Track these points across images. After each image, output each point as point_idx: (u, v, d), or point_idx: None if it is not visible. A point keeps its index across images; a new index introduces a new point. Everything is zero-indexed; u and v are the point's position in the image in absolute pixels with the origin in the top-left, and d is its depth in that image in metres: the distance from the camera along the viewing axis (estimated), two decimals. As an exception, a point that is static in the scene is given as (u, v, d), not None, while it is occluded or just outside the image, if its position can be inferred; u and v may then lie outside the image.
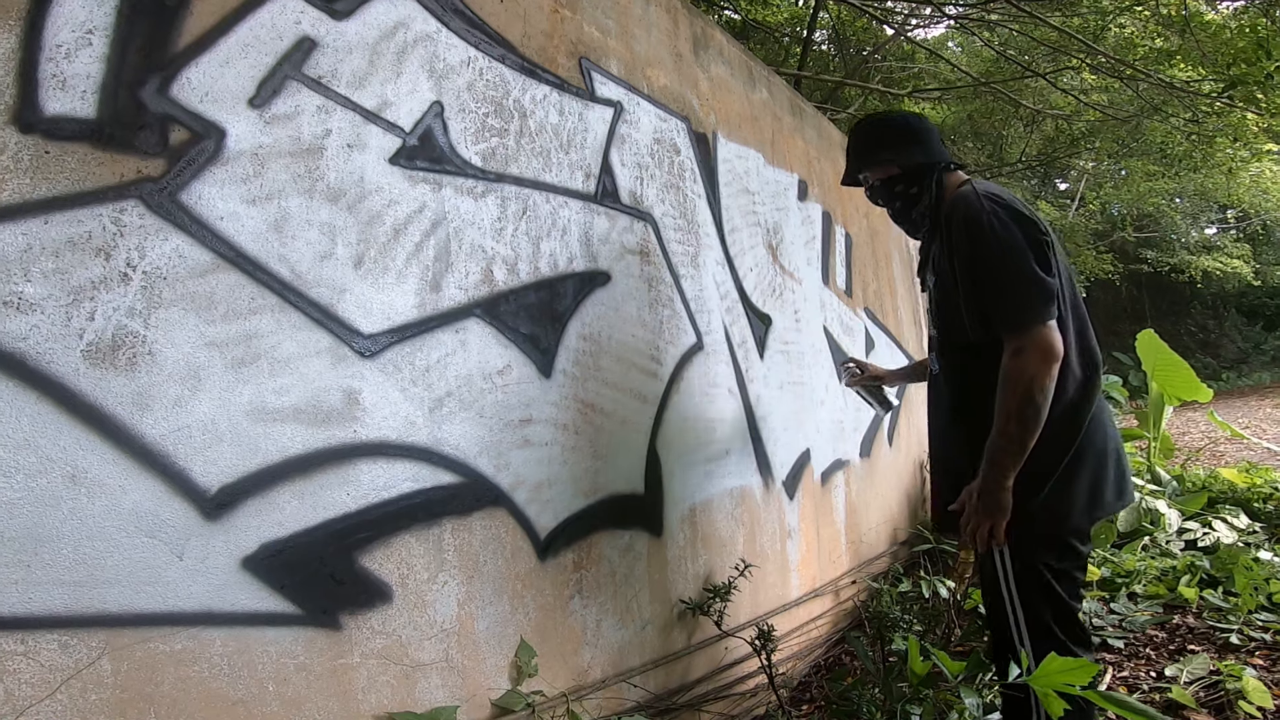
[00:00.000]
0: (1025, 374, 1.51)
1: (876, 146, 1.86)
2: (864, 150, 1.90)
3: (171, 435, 1.16)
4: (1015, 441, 1.52)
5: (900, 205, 1.86)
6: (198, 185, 1.22)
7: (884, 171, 1.85)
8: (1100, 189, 14.46)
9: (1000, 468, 1.54)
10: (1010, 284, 1.56)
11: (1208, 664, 2.49)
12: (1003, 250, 1.58)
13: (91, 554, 1.06)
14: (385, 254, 1.48)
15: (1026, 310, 1.54)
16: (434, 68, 1.62)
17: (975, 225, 1.61)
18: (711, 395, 2.43)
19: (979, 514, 1.58)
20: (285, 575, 1.27)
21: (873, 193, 1.92)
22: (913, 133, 1.85)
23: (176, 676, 1.13)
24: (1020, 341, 1.54)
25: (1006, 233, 1.59)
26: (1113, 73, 7.03)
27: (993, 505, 1.56)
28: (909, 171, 1.81)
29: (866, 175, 1.90)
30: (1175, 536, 3.90)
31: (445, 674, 1.49)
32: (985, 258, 1.59)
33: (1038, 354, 1.52)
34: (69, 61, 1.10)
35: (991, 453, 1.56)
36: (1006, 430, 1.53)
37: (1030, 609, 1.59)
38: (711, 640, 2.24)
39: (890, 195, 1.86)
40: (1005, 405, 1.53)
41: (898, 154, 1.83)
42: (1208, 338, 19.02)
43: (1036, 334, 1.53)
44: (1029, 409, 1.51)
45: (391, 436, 1.46)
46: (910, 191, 1.82)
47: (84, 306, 1.09)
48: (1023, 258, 1.56)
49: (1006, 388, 1.54)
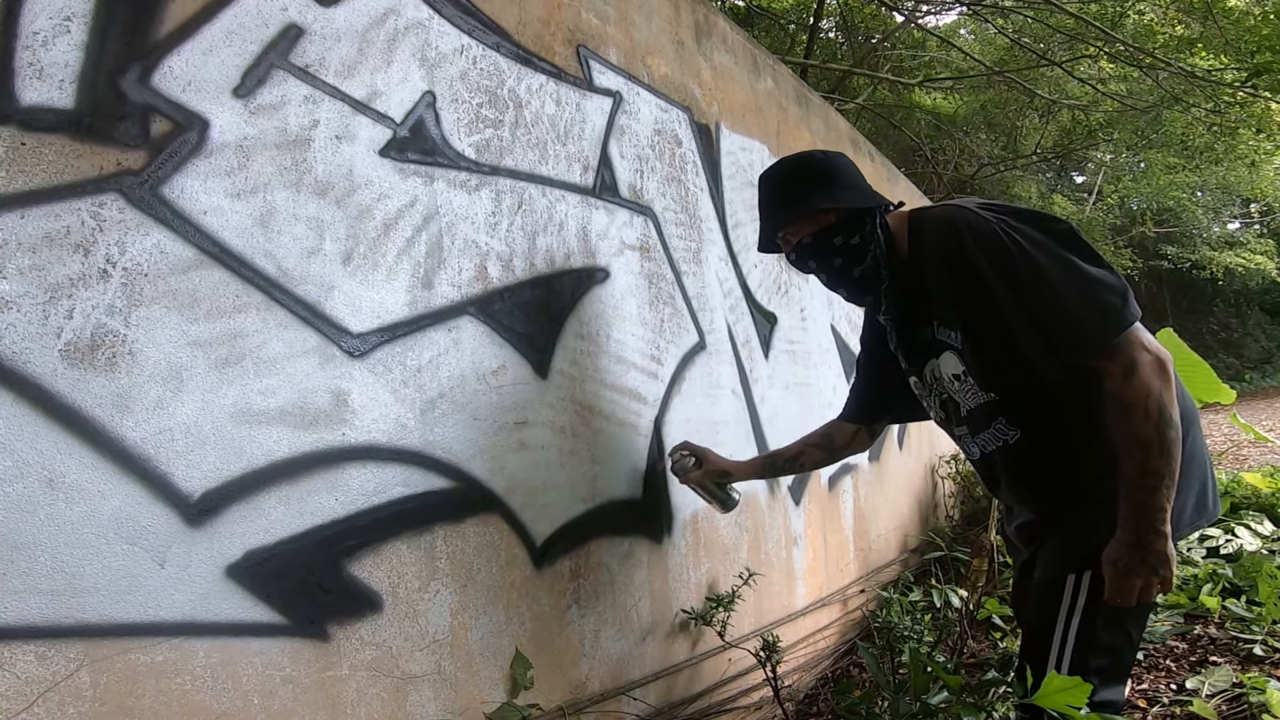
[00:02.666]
0: (1150, 393, 1.30)
1: (802, 194, 1.57)
2: (784, 201, 1.60)
3: (153, 438, 1.16)
4: (1165, 474, 1.31)
5: (841, 263, 1.56)
6: (180, 178, 1.22)
7: (814, 224, 1.56)
8: (1119, 182, 14.47)
9: (1155, 511, 1.32)
10: (1074, 297, 1.34)
11: (1230, 676, 2.49)
12: (1039, 260, 1.36)
13: (70, 562, 1.06)
14: (375, 250, 1.48)
15: (1109, 319, 1.33)
16: (426, 56, 1.62)
17: (993, 246, 1.38)
18: (714, 397, 2.43)
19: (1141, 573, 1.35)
20: (271, 584, 1.27)
21: (801, 253, 1.60)
22: (839, 172, 1.59)
23: (158, 689, 1.13)
24: (1123, 358, 1.32)
25: (1030, 241, 1.37)
26: (1131, 61, 7.04)
27: (1157, 558, 1.34)
28: (846, 220, 1.54)
29: (787, 234, 1.61)
30: (1196, 544, 3.91)
31: (438, 686, 1.49)
32: (1027, 276, 1.36)
33: (1150, 363, 1.31)
34: (46, 49, 1.10)
35: (1139, 499, 1.33)
36: (1150, 465, 1.31)
37: (1080, 652, 1.45)
38: (714, 651, 2.25)
39: (827, 251, 1.56)
40: (1140, 438, 1.31)
41: (826, 199, 1.54)
42: (1230, 337, 19.02)
43: (1135, 342, 1.33)
44: (1169, 431, 1.31)
45: (382, 439, 1.46)
46: (851, 243, 1.54)
47: (62, 304, 1.09)
48: (1067, 261, 1.35)
49: (1133, 417, 1.31)
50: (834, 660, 3.01)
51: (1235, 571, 3.37)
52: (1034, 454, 1.52)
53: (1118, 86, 8.59)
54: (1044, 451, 1.50)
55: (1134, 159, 13.28)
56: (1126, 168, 14.02)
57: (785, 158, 1.70)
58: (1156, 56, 6.52)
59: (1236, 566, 3.42)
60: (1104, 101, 8.68)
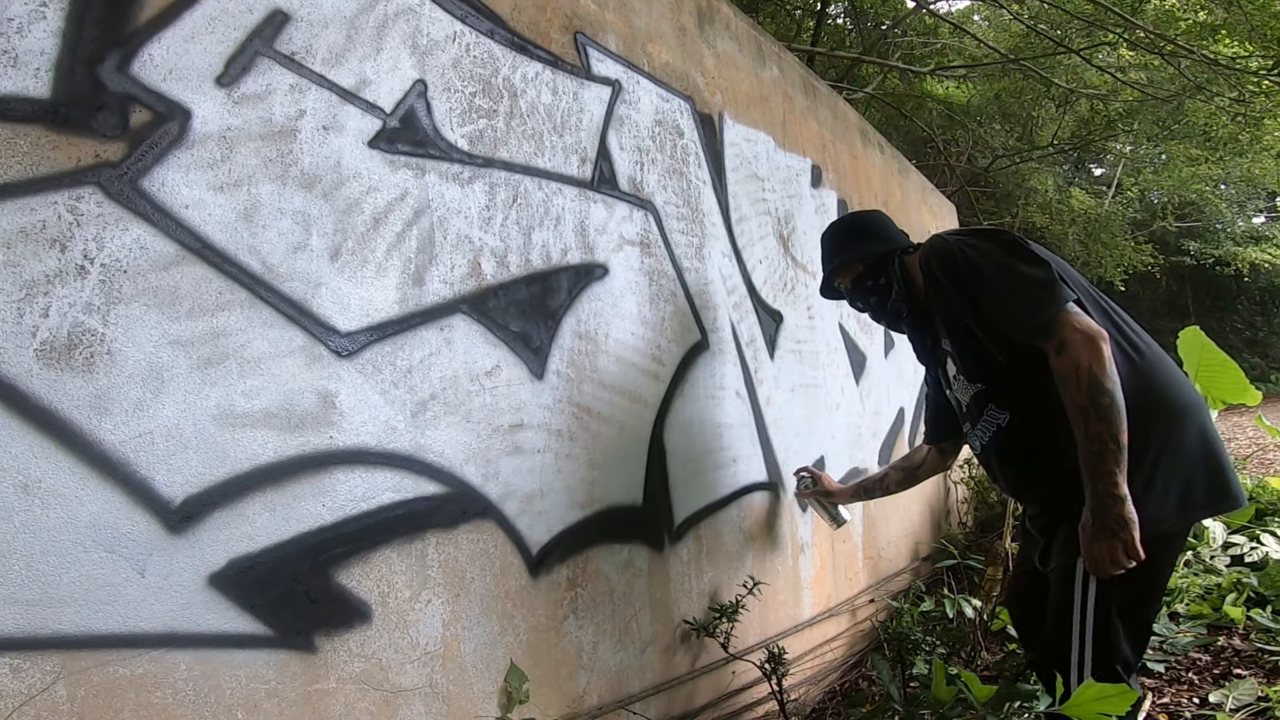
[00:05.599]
0: (1079, 364, 1.53)
1: (835, 252, 2.10)
2: (828, 259, 2.14)
3: (132, 441, 1.16)
4: (1106, 439, 1.50)
5: (876, 300, 2.04)
6: (161, 171, 1.22)
7: (851, 273, 2.07)
8: (1139, 175, 14.46)
9: (1105, 475, 1.51)
10: (1007, 291, 1.64)
11: (1255, 689, 2.49)
12: (982, 264, 1.69)
13: (46, 570, 1.06)
14: (364, 245, 1.49)
15: (1038, 305, 1.59)
16: (417, 43, 1.62)
17: (949, 260, 1.75)
18: (717, 398, 2.43)
19: (1103, 538, 1.52)
20: (256, 593, 1.27)
21: (851, 297, 2.13)
22: (864, 227, 2.10)
23: (138, 702, 1.13)
24: (1055, 338, 1.56)
25: (977, 251, 1.71)
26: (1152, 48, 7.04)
27: (1115, 520, 1.50)
28: (872, 266, 2.02)
29: (841, 283, 2.13)
30: (1220, 551, 3.90)
31: (429, 700, 1.49)
32: (971, 280, 1.70)
33: (1079, 340, 1.53)
34: (21, 36, 1.10)
35: (1089, 465, 1.53)
36: (1091, 431, 1.52)
37: (1101, 648, 1.61)
38: (718, 663, 2.25)
39: (865, 292, 2.06)
40: (1077, 405, 1.53)
41: (855, 252, 2.05)
42: (1255, 336, 19.01)
43: (1064, 321, 1.56)
44: (1102, 397, 1.51)
45: (371, 443, 1.46)
46: (880, 283, 2.01)
47: (37, 302, 1.09)
48: (1005, 263, 1.66)
49: (1069, 387, 1.54)
50: (842, 673, 3.01)
51: (1260, 580, 3.37)
52: (1021, 433, 1.76)
53: (1138, 75, 8.59)
54: (1029, 429, 1.75)
55: (1155, 150, 13.27)
56: (1147, 160, 14.02)
57: (835, 220, 2.29)
58: (1178, 43, 6.52)
59: (1262, 575, 3.41)
60: (1124, 91, 8.68)
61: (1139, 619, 1.67)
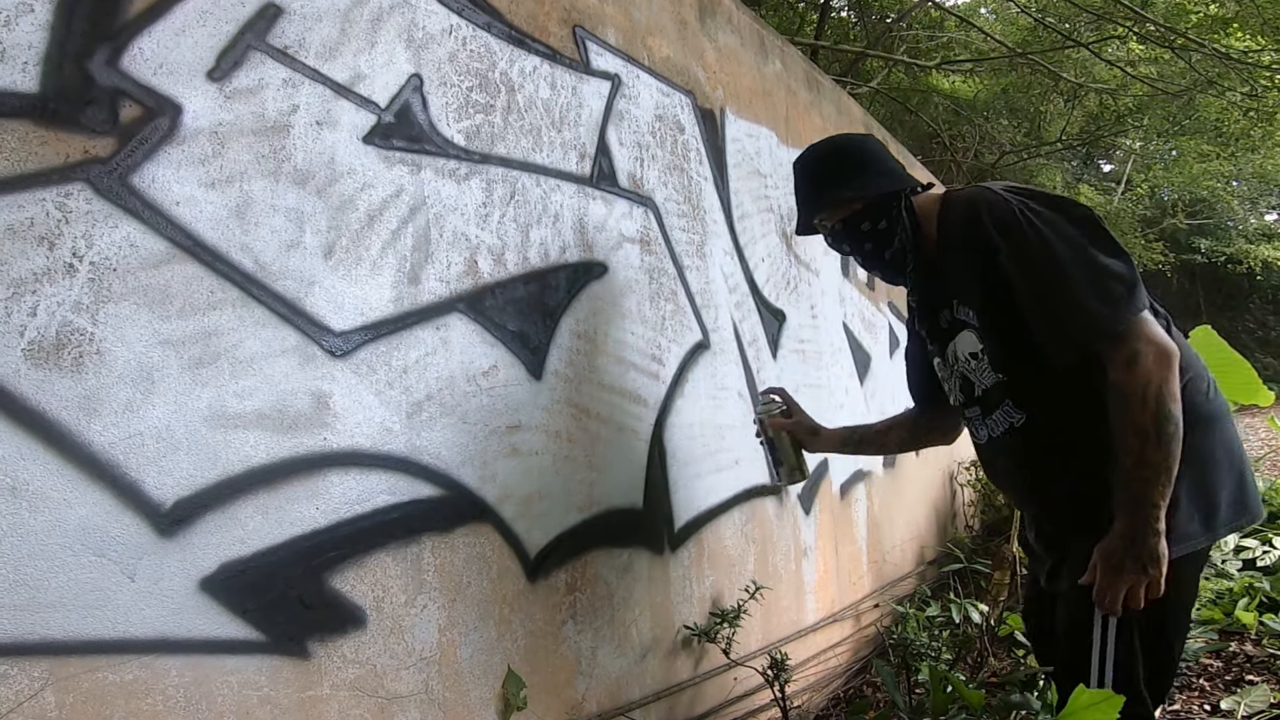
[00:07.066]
0: (1150, 383, 1.36)
1: (831, 183, 1.72)
2: (814, 190, 1.76)
3: (122, 443, 1.16)
4: (1161, 469, 1.36)
5: (871, 247, 1.72)
6: (151, 167, 1.22)
7: (845, 210, 1.71)
8: (1149, 171, 14.48)
9: (1150, 507, 1.37)
10: (1082, 282, 1.41)
11: (1268, 696, 2.49)
12: (1054, 243, 1.43)
13: (33, 574, 1.06)
14: (358, 243, 1.49)
15: (1117, 306, 1.39)
16: (412, 37, 1.62)
17: (1009, 225, 1.47)
18: (719, 399, 2.43)
19: (1132, 570, 1.39)
20: (248, 598, 1.27)
21: (835, 239, 1.78)
22: (862, 157, 1.73)
23: (128, 710, 1.13)
24: (1126, 348, 1.38)
25: (1046, 223, 1.45)
26: (1163, 42, 7.04)
27: (1149, 555, 1.38)
28: (874, 205, 1.68)
29: (823, 219, 1.76)
30: (1232, 555, 3.91)
31: (425, 707, 1.49)
32: (1039, 258, 1.44)
33: (1153, 354, 1.37)
34: (8, 30, 1.10)
35: (1133, 491, 1.38)
36: (1146, 457, 1.36)
37: (1124, 682, 1.47)
38: (719, 670, 2.25)
39: (857, 236, 1.72)
40: (1137, 427, 1.37)
41: (852, 187, 1.69)
42: (1268, 335, 19.02)
43: (1139, 331, 1.39)
44: (1167, 424, 1.36)
45: (365, 445, 1.46)
46: (879, 228, 1.68)
47: (25, 301, 1.09)
48: (1080, 247, 1.43)
49: (1131, 407, 1.37)
50: (846, 679, 3.01)
51: (1272, 585, 3.37)
52: (1039, 439, 1.58)
53: (1148, 69, 8.59)
54: (1050, 437, 1.56)
55: (1165, 146, 13.29)
56: (1157, 155, 14.04)
57: (816, 144, 1.82)
58: (1189, 37, 6.53)
59: (1274, 579, 3.42)
60: (1133, 85, 8.69)
61: (1164, 645, 1.53)
